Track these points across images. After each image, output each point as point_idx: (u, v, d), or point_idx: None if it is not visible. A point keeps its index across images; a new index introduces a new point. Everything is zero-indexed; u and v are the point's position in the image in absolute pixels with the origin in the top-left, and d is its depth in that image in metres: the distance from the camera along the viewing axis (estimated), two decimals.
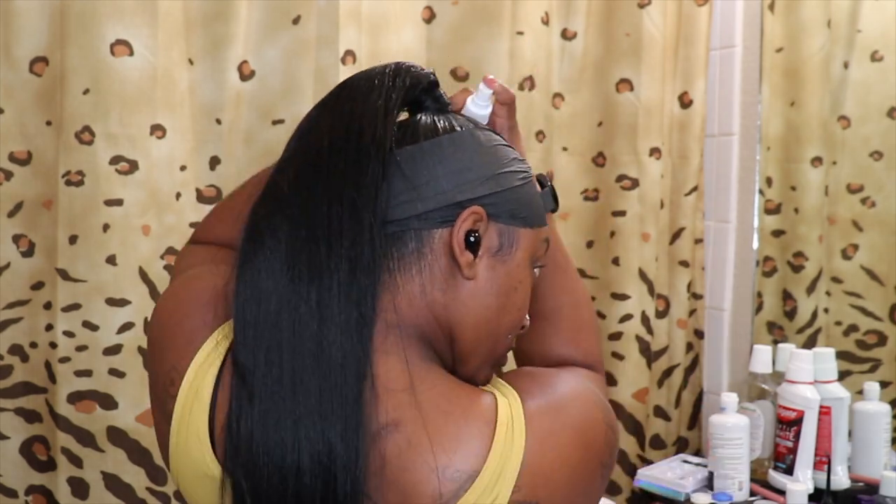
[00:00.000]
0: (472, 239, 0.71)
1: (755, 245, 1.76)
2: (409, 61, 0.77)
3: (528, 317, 0.79)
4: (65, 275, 1.29)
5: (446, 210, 0.70)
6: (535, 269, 0.78)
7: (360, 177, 0.67)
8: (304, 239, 0.67)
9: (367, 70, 0.75)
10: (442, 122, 0.74)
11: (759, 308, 1.76)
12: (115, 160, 1.31)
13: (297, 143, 0.73)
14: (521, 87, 1.60)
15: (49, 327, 1.31)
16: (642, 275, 1.71)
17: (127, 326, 1.32)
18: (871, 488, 1.41)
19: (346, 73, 1.44)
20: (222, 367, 0.69)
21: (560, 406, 0.69)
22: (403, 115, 0.75)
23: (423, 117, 0.74)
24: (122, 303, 1.32)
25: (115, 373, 1.32)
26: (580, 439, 0.68)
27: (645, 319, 1.72)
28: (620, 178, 1.70)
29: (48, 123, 1.31)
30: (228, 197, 0.92)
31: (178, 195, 1.37)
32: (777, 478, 1.47)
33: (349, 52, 1.44)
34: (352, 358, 0.65)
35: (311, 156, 0.70)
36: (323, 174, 0.68)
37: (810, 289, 1.67)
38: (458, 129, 0.74)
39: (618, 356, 1.72)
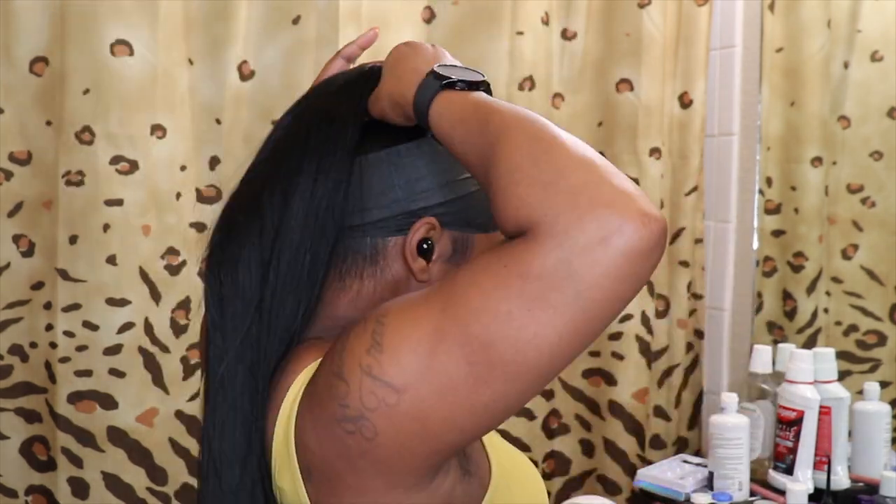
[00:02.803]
0: (425, 246, 0.73)
1: (755, 245, 1.76)
2: (380, 63, 0.78)
3: None
4: (65, 275, 1.29)
5: (401, 219, 0.73)
6: None
7: (317, 184, 0.70)
8: (259, 235, 0.70)
9: (338, 74, 0.78)
10: (405, 128, 0.74)
11: (759, 308, 1.76)
12: (115, 160, 1.31)
13: (267, 147, 0.76)
14: (521, 88, 1.60)
15: (49, 327, 1.31)
16: None
17: (127, 326, 1.32)
18: (871, 488, 1.41)
19: None
20: None
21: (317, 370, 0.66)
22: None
23: (389, 124, 0.75)
24: (122, 303, 1.32)
25: (115, 373, 1.32)
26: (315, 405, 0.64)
27: (645, 319, 1.72)
28: None
29: (48, 123, 1.31)
30: None
31: (178, 195, 1.37)
32: (777, 478, 1.47)
33: None
34: (274, 351, 0.69)
35: (277, 160, 0.73)
36: (286, 178, 0.71)
37: (810, 289, 1.67)
38: (420, 136, 0.74)
39: (618, 356, 1.71)
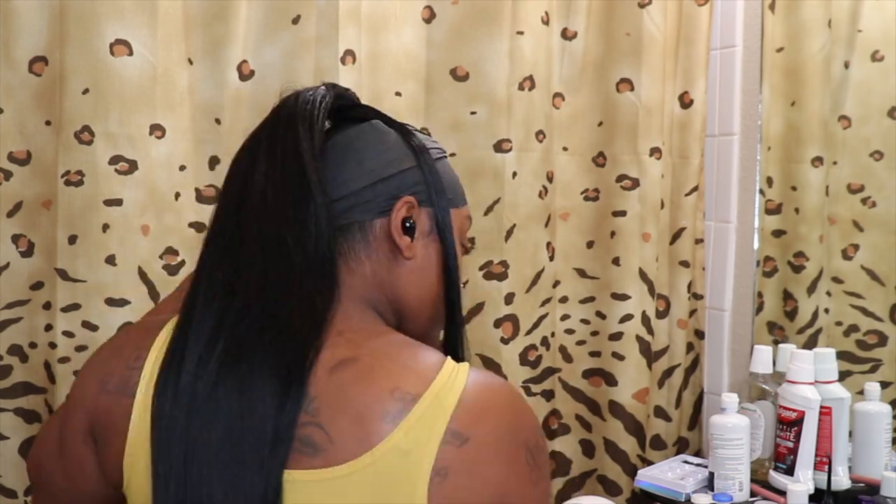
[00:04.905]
0: (407, 225, 0.83)
1: (755, 245, 1.76)
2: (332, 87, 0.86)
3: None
4: (64, 275, 1.29)
5: (382, 202, 0.82)
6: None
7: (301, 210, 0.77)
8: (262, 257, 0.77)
9: (283, 106, 0.82)
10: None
11: (759, 308, 1.76)
12: (115, 160, 1.31)
13: (233, 187, 0.80)
14: (521, 87, 1.60)
15: (48, 327, 1.31)
16: (643, 275, 1.70)
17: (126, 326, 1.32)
18: (872, 489, 1.41)
19: (345, 72, 1.44)
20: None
21: (503, 384, 0.77)
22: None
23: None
24: (121, 303, 1.32)
25: None
26: (512, 410, 0.74)
27: (645, 319, 1.72)
28: (621, 178, 1.70)
29: (47, 123, 1.30)
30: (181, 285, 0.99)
31: (178, 195, 1.37)
32: (777, 478, 1.46)
33: (349, 52, 1.44)
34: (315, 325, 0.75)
35: (254, 201, 0.77)
36: (270, 210, 0.77)
37: (811, 289, 1.67)
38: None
39: (618, 356, 1.71)
